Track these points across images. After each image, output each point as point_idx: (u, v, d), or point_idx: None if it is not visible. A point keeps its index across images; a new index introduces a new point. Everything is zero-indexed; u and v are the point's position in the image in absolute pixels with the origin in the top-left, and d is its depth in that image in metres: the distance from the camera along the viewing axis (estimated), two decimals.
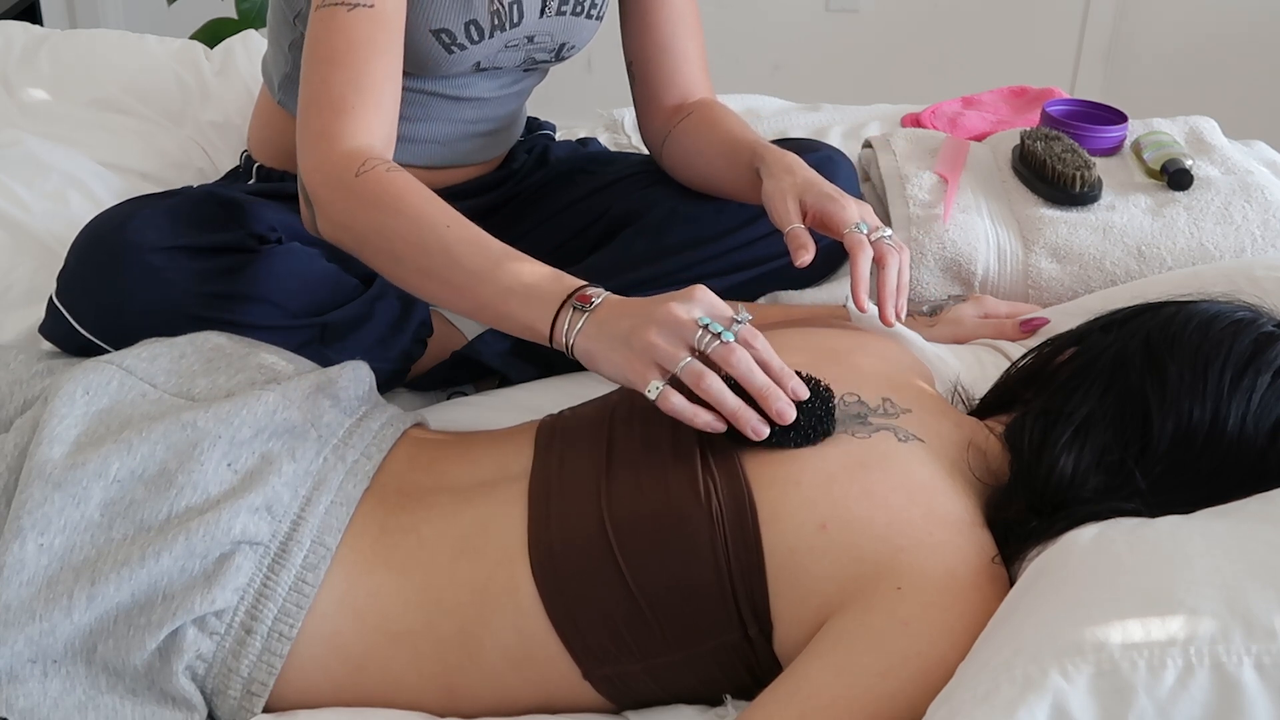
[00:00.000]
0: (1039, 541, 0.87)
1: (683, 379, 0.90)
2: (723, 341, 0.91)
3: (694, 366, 0.90)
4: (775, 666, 0.89)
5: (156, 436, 0.95)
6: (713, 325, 0.91)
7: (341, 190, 1.08)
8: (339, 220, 1.09)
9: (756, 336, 0.93)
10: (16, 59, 1.80)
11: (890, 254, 1.10)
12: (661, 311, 0.92)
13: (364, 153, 1.09)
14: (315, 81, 1.13)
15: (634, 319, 0.93)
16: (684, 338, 0.91)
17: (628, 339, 0.92)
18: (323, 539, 0.94)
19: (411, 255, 1.04)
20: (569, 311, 0.96)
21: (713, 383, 0.90)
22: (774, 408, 0.90)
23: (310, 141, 1.11)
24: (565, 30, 1.35)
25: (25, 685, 0.87)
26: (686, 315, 0.92)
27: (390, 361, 1.27)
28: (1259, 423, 0.90)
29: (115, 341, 1.13)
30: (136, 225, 1.15)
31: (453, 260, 1.02)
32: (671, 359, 0.91)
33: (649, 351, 0.91)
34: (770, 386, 0.91)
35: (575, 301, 0.96)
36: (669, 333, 0.91)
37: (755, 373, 0.91)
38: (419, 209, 1.05)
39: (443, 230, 1.03)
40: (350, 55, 1.12)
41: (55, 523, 0.90)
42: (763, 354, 0.92)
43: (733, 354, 0.90)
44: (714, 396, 0.90)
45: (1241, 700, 0.70)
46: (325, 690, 0.93)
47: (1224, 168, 1.50)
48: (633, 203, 1.43)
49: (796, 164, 1.20)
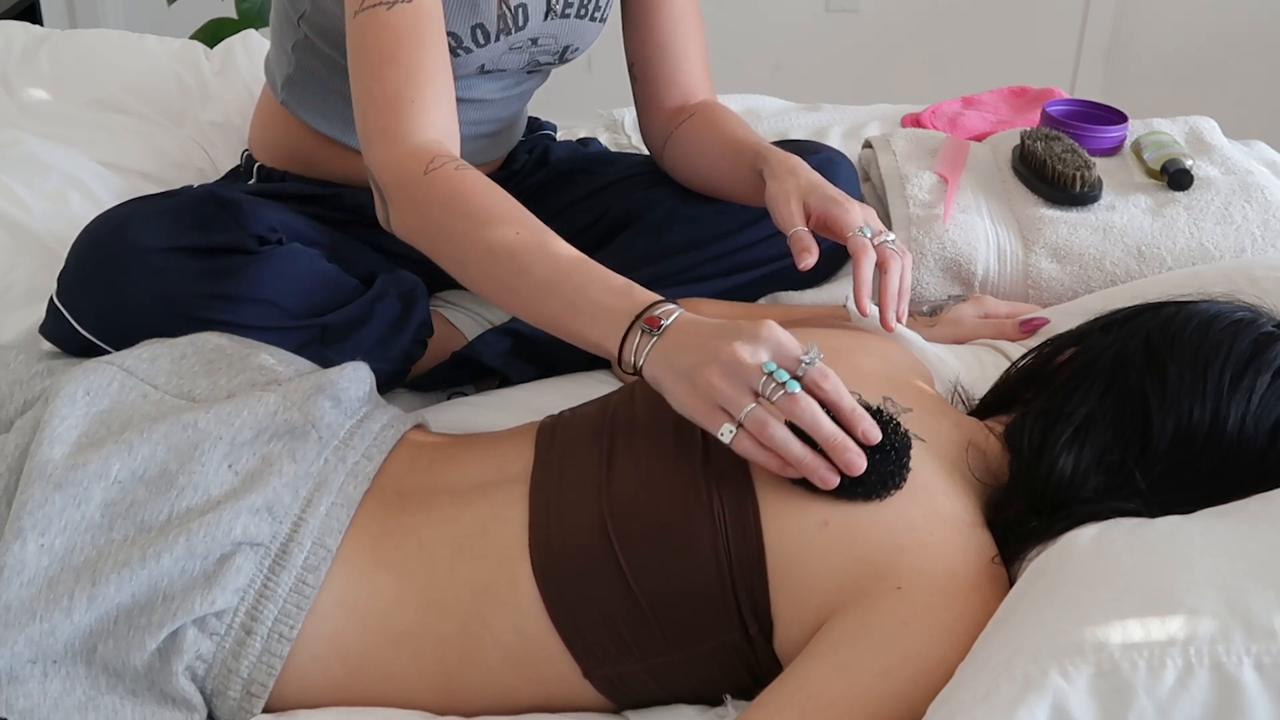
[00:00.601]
0: (1039, 541, 0.87)
1: (747, 428, 0.86)
2: (787, 392, 0.86)
3: (757, 415, 0.86)
4: (775, 666, 0.89)
5: (157, 437, 0.95)
6: (778, 373, 0.86)
7: (412, 189, 1.05)
8: (411, 220, 1.06)
9: (827, 377, 0.87)
10: (16, 59, 1.81)
11: (893, 258, 1.10)
12: (726, 352, 0.87)
13: (431, 149, 1.07)
14: (368, 81, 1.10)
15: (698, 355, 0.88)
16: (748, 383, 0.86)
17: (692, 376, 0.88)
18: (323, 540, 0.94)
19: (479, 261, 1.01)
20: (637, 334, 0.92)
21: (776, 432, 0.86)
22: (842, 460, 0.86)
23: (374, 139, 1.09)
24: (569, 33, 1.35)
25: (25, 686, 0.87)
26: (751, 359, 0.86)
27: (390, 362, 1.28)
28: (1259, 423, 0.90)
29: (115, 342, 1.13)
30: (137, 226, 1.15)
31: (520, 269, 0.98)
32: (735, 405, 0.86)
33: (711, 394, 0.87)
34: (837, 437, 0.86)
35: (643, 324, 0.92)
36: (732, 377, 0.86)
37: (821, 424, 0.86)
38: (488, 212, 1.02)
39: (511, 237, 1.00)
40: (399, 52, 1.10)
41: (56, 523, 0.90)
42: (832, 395, 0.87)
43: (796, 405, 0.85)
44: (778, 448, 0.86)
45: (1241, 700, 0.70)
46: (325, 690, 0.93)
47: (1224, 168, 1.50)
48: (633, 203, 1.43)
49: (800, 166, 1.20)
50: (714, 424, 0.87)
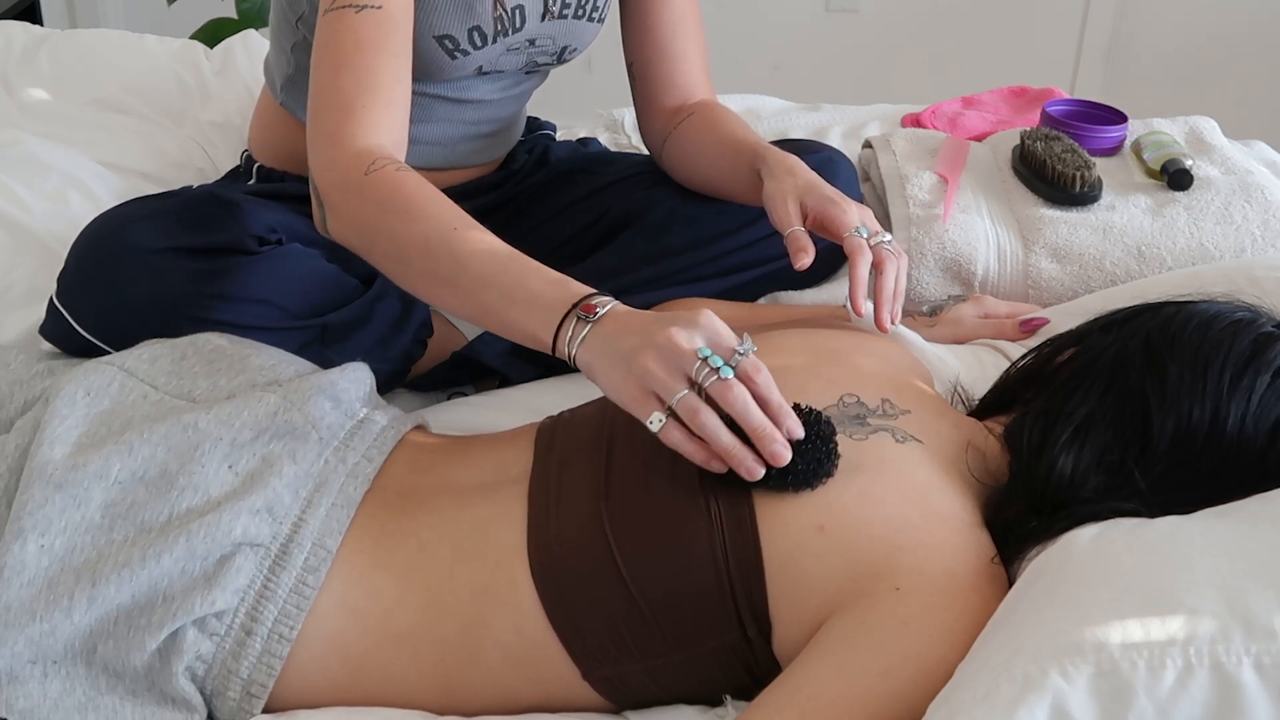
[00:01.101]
0: (1039, 542, 0.87)
1: (678, 413, 0.87)
2: (720, 378, 0.86)
3: (689, 401, 0.86)
4: (775, 667, 0.89)
5: (158, 438, 0.95)
6: (712, 359, 0.87)
7: (351, 190, 1.06)
8: (348, 221, 1.07)
9: (759, 370, 0.88)
10: (16, 59, 1.80)
11: (889, 259, 1.10)
12: (662, 336, 0.87)
13: (374, 152, 1.08)
14: (324, 83, 1.11)
15: (635, 338, 0.89)
16: (682, 368, 0.87)
17: (628, 360, 0.89)
18: (323, 541, 0.94)
19: (417, 258, 1.02)
20: (572, 321, 0.93)
21: (707, 419, 0.86)
22: (768, 449, 0.86)
23: (320, 142, 1.10)
24: (567, 33, 1.35)
25: (25, 686, 0.87)
26: (687, 344, 0.87)
27: (390, 362, 1.27)
28: (1259, 423, 0.90)
29: (115, 342, 1.13)
30: (137, 226, 1.15)
31: (458, 264, 1.00)
32: (668, 390, 0.87)
33: (646, 378, 0.88)
34: (765, 427, 0.86)
35: (580, 311, 0.93)
36: (667, 361, 0.87)
37: (751, 412, 0.86)
38: (426, 210, 1.03)
39: (449, 233, 1.01)
40: (359, 57, 1.11)
41: (56, 524, 0.90)
42: (762, 390, 0.88)
43: (729, 391, 0.86)
44: (708, 434, 0.86)
45: (1241, 700, 0.70)
46: (325, 691, 0.93)
47: (1224, 168, 1.50)
48: (633, 203, 1.43)
49: (798, 166, 1.20)
50: (645, 411, 0.88)
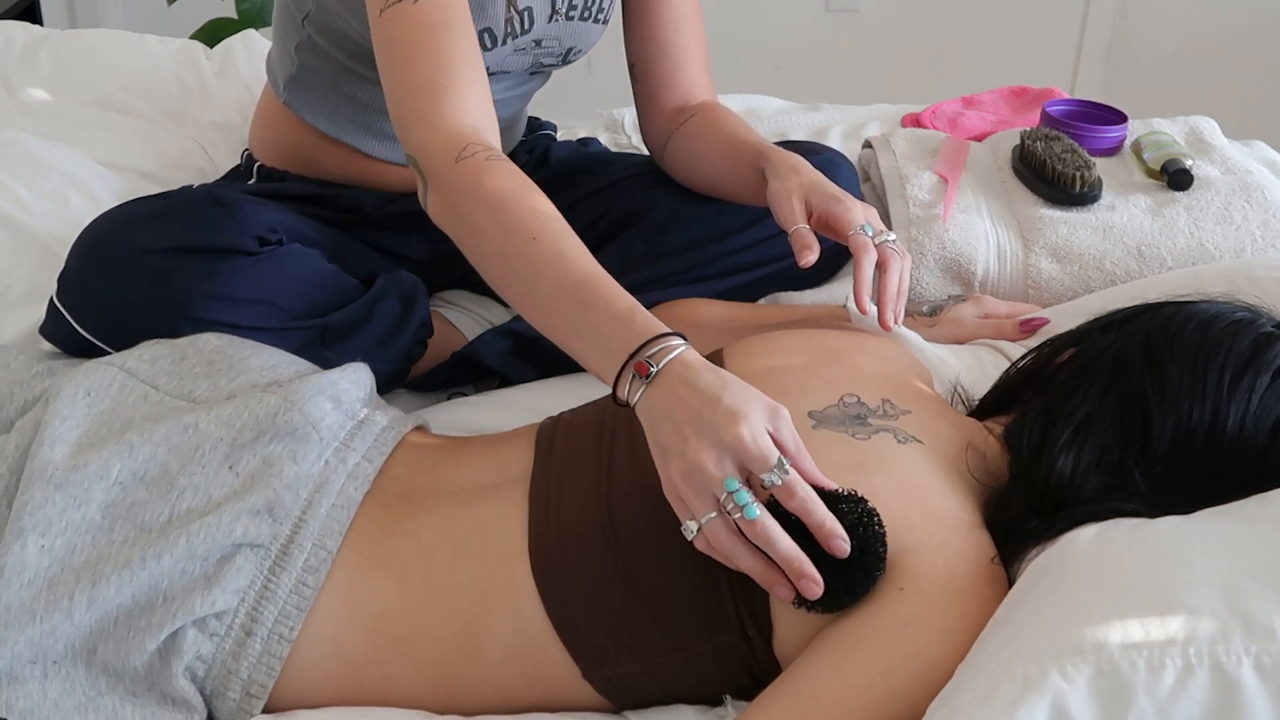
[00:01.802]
0: (1039, 542, 0.87)
1: (706, 534, 0.84)
2: (744, 517, 0.82)
3: (716, 527, 0.83)
4: (775, 667, 0.89)
5: (158, 438, 0.95)
6: (738, 495, 0.82)
7: (444, 175, 1.03)
8: (442, 204, 1.04)
9: (793, 494, 0.83)
10: (16, 59, 1.80)
11: (893, 258, 1.10)
12: (693, 453, 0.83)
13: (466, 136, 1.05)
14: (400, 71, 1.09)
15: (672, 437, 0.85)
16: (711, 491, 0.83)
17: (663, 458, 0.86)
18: (324, 542, 0.94)
19: (495, 261, 1.00)
20: (629, 377, 0.89)
21: (731, 549, 0.83)
22: (799, 584, 0.82)
23: (410, 122, 1.07)
24: (572, 35, 1.35)
25: (25, 686, 0.87)
26: (715, 471, 0.82)
27: (390, 362, 1.28)
28: (1259, 423, 0.90)
29: (116, 342, 1.13)
30: (137, 227, 1.15)
31: (532, 275, 0.96)
32: (697, 510, 0.84)
33: (677, 487, 0.85)
34: (797, 560, 0.82)
35: (634, 369, 0.88)
36: (695, 482, 0.83)
37: (777, 547, 0.82)
38: (509, 210, 0.99)
39: (528, 242, 0.97)
40: (430, 41, 1.09)
41: (56, 524, 0.90)
42: (799, 508, 0.83)
43: (753, 529, 0.82)
44: (732, 561, 0.84)
45: (1241, 700, 0.70)
46: (325, 691, 0.93)
47: (1224, 168, 1.50)
48: (633, 204, 1.43)
49: (802, 164, 1.20)
50: (680, 514, 0.86)
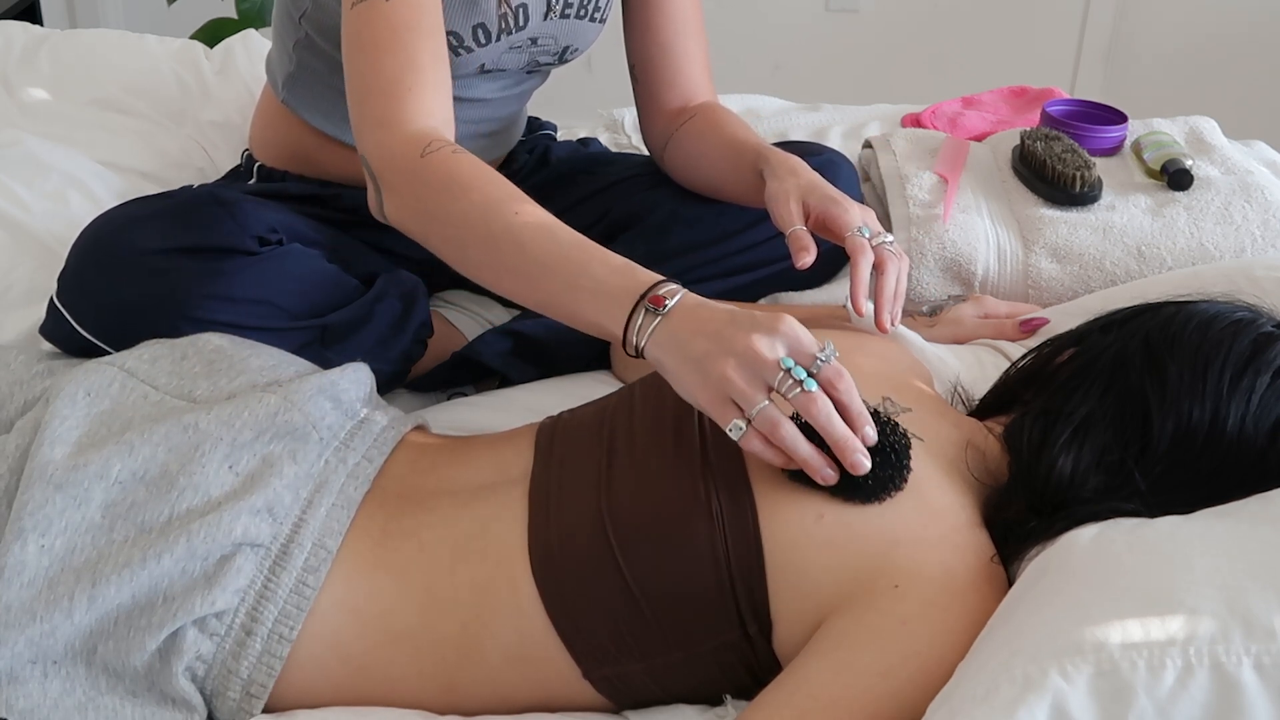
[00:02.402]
0: (1038, 541, 0.87)
1: (757, 426, 0.85)
2: (804, 390, 0.85)
3: (769, 414, 0.85)
4: (775, 666, 0.89)
5: (158, 438, 0.95)
6: (795, 370, 0.85)
7: (408, 175, 1.04)
8: (407, 202, 1.05)
9: (841, 377, 0.86)
10: (16, 59, 1.81)
11: (890, 260, 1.10)
12: (743, 345, 0.85)
13: (428, 134, 1.06)
14: (364, 70, 1.10)
15: (711, 343, 0.87)
16: (764, 378, 0.85)
17: (703, 365, 0.86)
18: (324, 541, 0.94)
19: (477, 243, 1.00)
20: (640, 314, 0.90)
21: (788, 433, 0.85)
22: (849, 460, 0.85)
23: (369, 125, 1.08)
24: (569, 33, 1.35)
25: (25, 686, 0.87)
26: (770, 354, 0.85)
27: (390, 362, 1.28)
28: (1259, 423, 0.90)
29: (116, 342, 1.13)
30: (136, 227, 1.15)
31: (519, 248, 0.97)
32: (748, 401, 0.85)
33: (724, 386, 0.85)
34: (848, 439, 0.85)
35: (648, 304, 0.90)
36: (748, 371, 0.85)
37: (835, 424, 0.85)
38: (486, 193, 1.01)
39: (510, 217, 0.98)
40: (396, 40, 1.09)
41: (56, 524, 0.90)
42: (844, 397, 0.86)
43: (813, 404, 0.85)
44: (787, 447, 0.85)
45: (1241, 700, 0.70)
46: (325, 691, 0.93)
47: (1224, 168, 1.50)
48: (634, 205, 1.43)
49: (800, 166, 1.20)
50: (724, 418, 0.86)
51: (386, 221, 1.09)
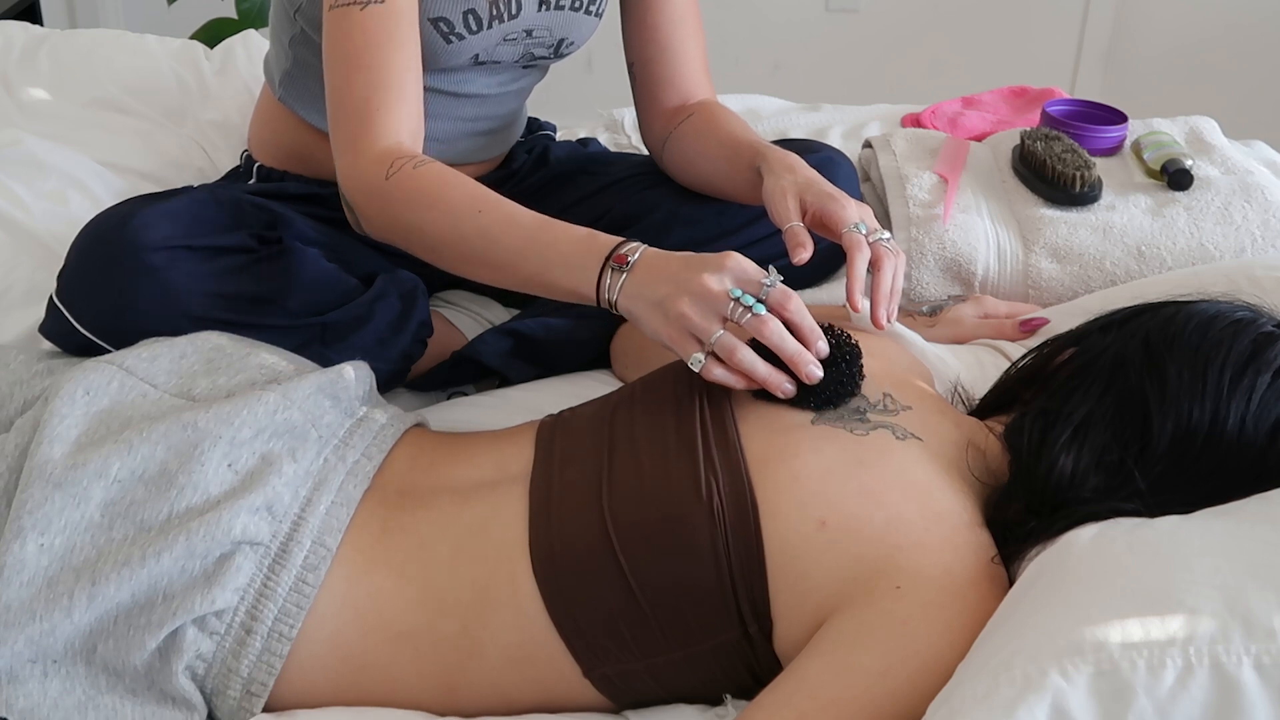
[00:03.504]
0: (1038, 541, 0.87)
1: (717, 352, 0.95)
2: (754, 314, 0.94)
3: (725, 341, 0.94)
4: (775, 665, 0.89)
5: (157, 437, 0.95)
6: (744, 298, 0.95)
7: (376, 196, 1.12)
8: (379, 223, 1.13)
9: (790, 298, 0.96)
10: (16, 59, 1.80)
11: (887, 257, 1.10)
12: (695, 283, 0.95)
13: (392, 153, 1.12)
14: (338, 86, 1.15)
15: (669, 286, 0.97)
16: (716, 310, 0.95)
17: (663, 306, 0.97)
18: (323, 539, 0.94)
19: (451, 245, 1.09)
20: (608, 273, 1.01)
21: (744, 356, 0.94)
22: (803, 372, 0.95)
23: (341, 149, 1.15)
24: (564, 25, 1.35)
25: (25, 685, 0.87)
26: (718, 286, 0.95)
27: (390, 362, 1.27)
28: (1258, 423, 0.90)
29: (115, 341, 1.13)
30: (137, 225, 1.15)
31: (490, 242, 1.07)
32: (705, 332, 0.95)
33: (682, 322, 0.96)
34: (800, 354, 0.95)
35: (613, 264, 1.01)
36: (702, 306, 0.95)
37: (786, 342, 0.95)
38: (450, 200, 1.09)
39: (475, 217, 1.07)
40: (368, 54, 1.14)
41: (56, 523, 0.90)
42: (794, 315, 0.96)
43: (765, 326, 0.94)
44: (745, 369, 0.95)
45: (1241, 700, 0.70)
46: (325, 690, 0.93)
47: (1224, 168, 1.50)
48: (633, 204, 1.43)
49: (798, 163, 1.20)
50: (685, 351, 0.96)
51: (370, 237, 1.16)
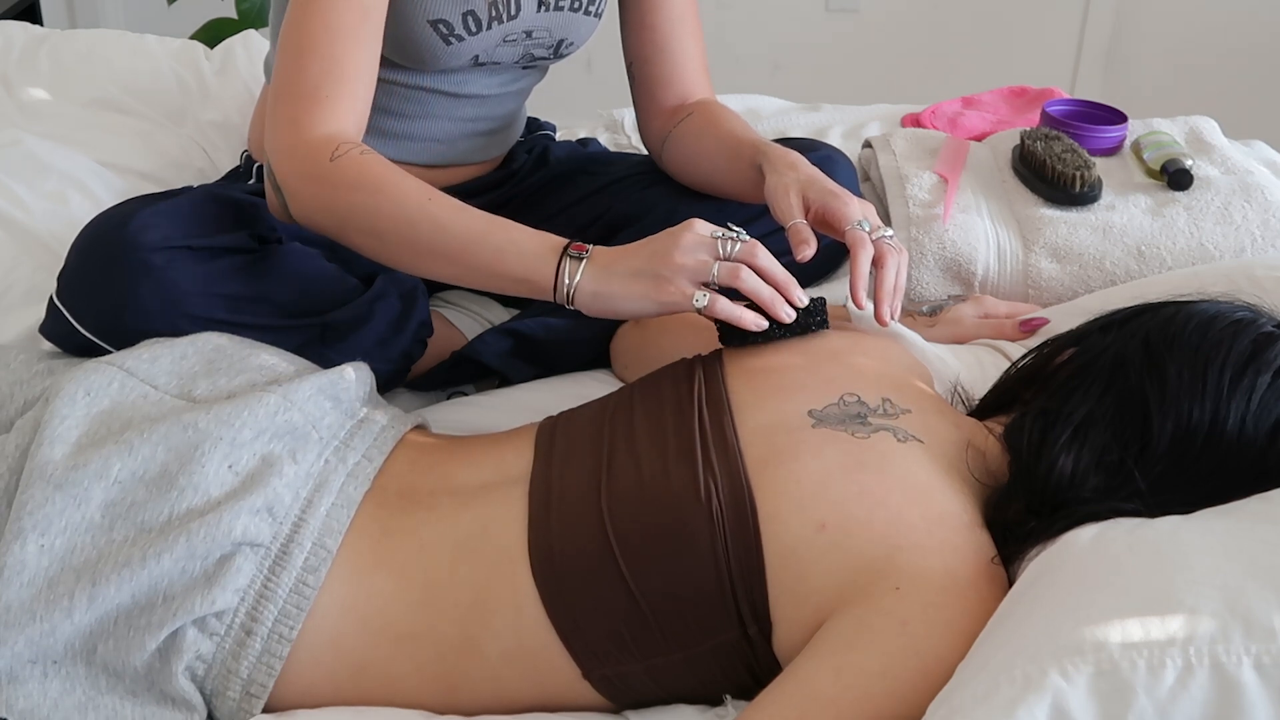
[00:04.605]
0: (1038, 542, 0.87)
1: (720, 280, 1.02)
2: (743, 240, 1.03)
3: (728, 267, 1.02)
4: (775, 666, 0.89)
5: (158, 438, 0.95)
6: (728, 232, 1.03)
7: (314, 178, 1.10)
8: (314, 206, 1.11)
9: (758, 246, 1.04)
10: (16, 59, 1.81)
11: (890, 254, 1.10)
12: (680, 238, 1.02)
13: (336, 138, 1.11)
14: (289, 68, 1.13)
15: (647, 253, 1.03)
16: (709, 249, 1.02)
17: (650, 269, 1.02)
18: (323, 541, 0.94)
19: (396, 230, 1.08)
20: (567, 261, 1.04)
21: (748, 275, 1.02)
22: (792, 295, 1.04)
23: (281, 127, 1.12)
24: (563, 26, 1.35)
25: (25, 686, 0.87)
26: (703, 232, 1.03)
27: (390, 362, 1.27)
28: (1258, 423, 0.90)
29: (116, 342, 1.13)
30: (137, 225, 1.15)
31: (441, 229, 1.07)
32: (705, 269, 1.02)
33: (680, 272, 1.01)
34: (789, 279, 1.04)
35: (571, 251, 1.04)
36: (695, 249, 1.02)
37: (776, 267, 1.04)
38: (399, 185, 1.09)
39: (425, 203, 1.08)
40: (328, 44, 1.13)
41: (56, 524, 0.90)
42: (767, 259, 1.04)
43: (756, 249, 1.03)
44: (751, 287, 1.02)
45: (1241, 700, 0.70)
46: (325, 691, 0.93)
47: (1224, 168, 1.50)
48: (633, 203, 1.43)
49: (799, 160, 1.20)
50: (686, 296, 1.01)
51: (290, 222, 1.15)
